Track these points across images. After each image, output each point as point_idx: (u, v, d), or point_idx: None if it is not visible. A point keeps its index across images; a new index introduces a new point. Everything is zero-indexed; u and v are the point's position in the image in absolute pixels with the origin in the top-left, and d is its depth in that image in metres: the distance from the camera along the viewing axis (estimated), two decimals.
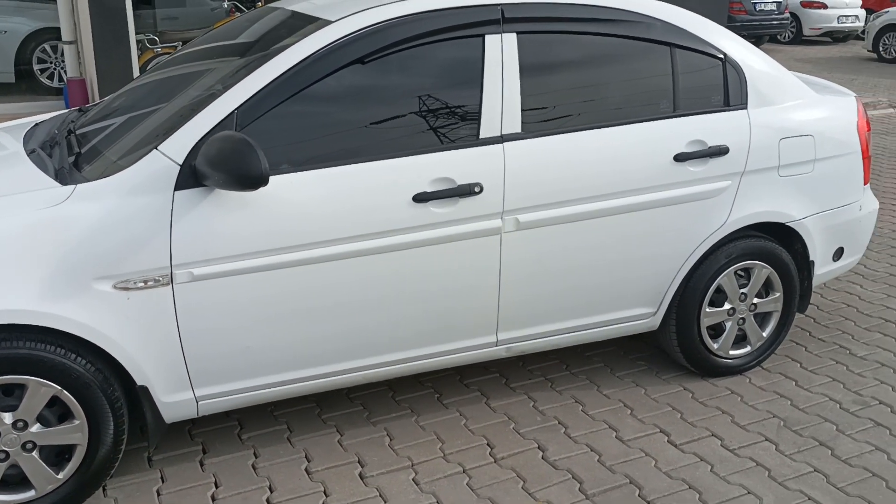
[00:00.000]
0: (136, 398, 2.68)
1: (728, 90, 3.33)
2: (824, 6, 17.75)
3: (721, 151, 3.25)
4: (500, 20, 3.01)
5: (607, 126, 3.11)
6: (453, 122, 2.93)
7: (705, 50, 3.31)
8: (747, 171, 3.33)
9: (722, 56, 3.34)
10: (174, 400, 2.72)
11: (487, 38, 2.99)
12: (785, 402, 3.41)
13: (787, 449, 3.09)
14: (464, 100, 2.94)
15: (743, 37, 16.76)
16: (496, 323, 3.10)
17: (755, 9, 16.56)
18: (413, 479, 2.88)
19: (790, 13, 17.82)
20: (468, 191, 2.87)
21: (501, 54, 2.99)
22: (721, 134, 3.27)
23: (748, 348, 3.61)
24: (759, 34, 16.98)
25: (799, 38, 18.23)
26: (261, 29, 3.16)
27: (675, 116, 3.23)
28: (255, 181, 2.47)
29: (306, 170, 2.72)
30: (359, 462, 2.98)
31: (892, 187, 6.64)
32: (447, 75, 2.93)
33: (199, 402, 2.77)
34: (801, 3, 17.90)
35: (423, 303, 2.94)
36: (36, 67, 8.68)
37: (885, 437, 3.17)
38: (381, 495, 2.79)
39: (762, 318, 3.64)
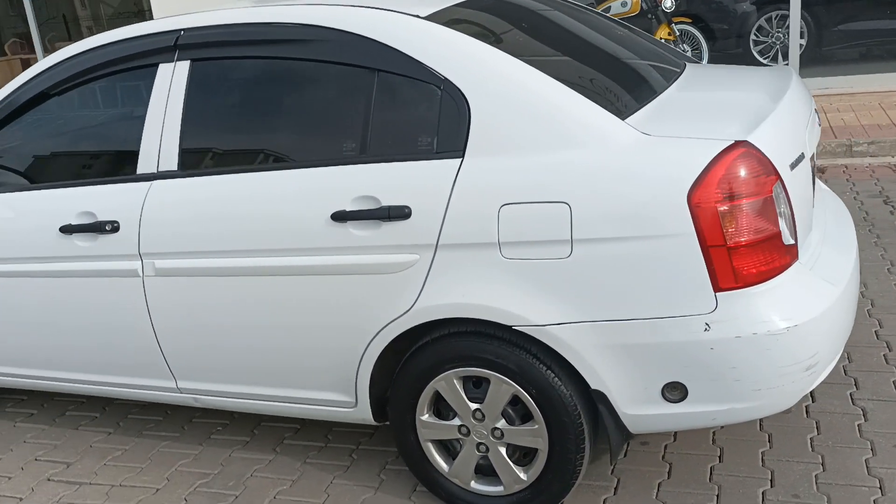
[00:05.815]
0: None
1: (439, 130, 2.41)
2: None
3: (396, 214, 2.40)
4: (175, 47, 2.77)
5: (267, 170, 2.60)
6: (117, 158, 2.88)
7: (418, 75, 2.44)
8: (443, 244, 2.38)
9: (440, 83, 2.41)
10: None
11: (161, 67, 2.80)
12: None
13: None
14: (128, 134, 2.84)
15: None
16: (168, 369, 2.92)
17: None
18: None
19: None
20: (101, 227, 2.80)
21: (169, 85, 2.77)
22: (405, 191, 2.41)
23: (500, 488, 2.58)
24: None
25: None
26: None
27: (354, 163, 2.49)
28: None
29: None
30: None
31: None
32: (122, 109, 2.88)
33: None
34: None
35: (82, 334, 3.00)
36: None
37: None
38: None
39: (529, 454, 2.55)
